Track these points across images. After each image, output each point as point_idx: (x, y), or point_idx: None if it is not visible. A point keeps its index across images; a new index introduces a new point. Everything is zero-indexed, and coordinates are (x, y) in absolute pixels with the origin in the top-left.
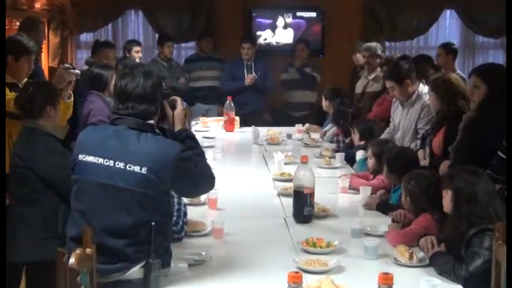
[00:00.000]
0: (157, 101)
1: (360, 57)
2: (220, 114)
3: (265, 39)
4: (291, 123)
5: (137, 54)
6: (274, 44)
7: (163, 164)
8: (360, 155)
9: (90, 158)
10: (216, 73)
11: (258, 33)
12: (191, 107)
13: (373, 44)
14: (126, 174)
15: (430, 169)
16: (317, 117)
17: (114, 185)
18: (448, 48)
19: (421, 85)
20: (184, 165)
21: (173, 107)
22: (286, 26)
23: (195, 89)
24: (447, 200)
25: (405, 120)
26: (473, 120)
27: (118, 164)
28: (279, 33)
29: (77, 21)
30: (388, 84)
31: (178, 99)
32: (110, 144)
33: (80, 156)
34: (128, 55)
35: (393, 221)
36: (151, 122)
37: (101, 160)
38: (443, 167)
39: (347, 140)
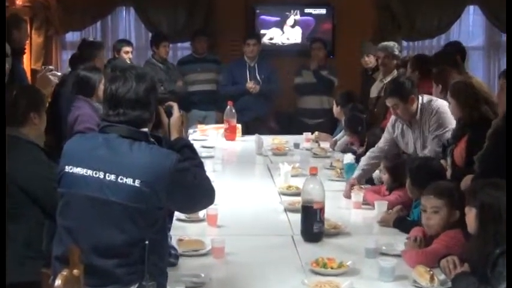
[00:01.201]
0: (151, 106)
1: (369, 60)
2: (218, 121)
3: (272, 39)
4: (302, 131)
5: (127, 54)
6: (280, 43)
7: (158, 175)
8: (348, 158)
9: (78, 170)
10: (213, 76)
11: (262, 31)
12: (187, 113)
13: (390, 44)
14: (118, 187)
15: (453, 182)
16: (331, 125)
17: (104, 199)
18: (457, 47)
19: (420, 98)
20: (181, 177)
21: (169, 114)
22: (294, 24)
23: (191, 93)
24: (471, 218)
25: (421, 139)
26: (503, 127)
27: (109, 176)
28: (286, 31)
29: (62, 19)
30: (391, 102)
31: (175, 105)
32: (100, 154)
33: (67, 168)
34: (117, 56)
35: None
36: (145, 129)
37: (89, 172)
38: (466, 181)
39: (362, 149)
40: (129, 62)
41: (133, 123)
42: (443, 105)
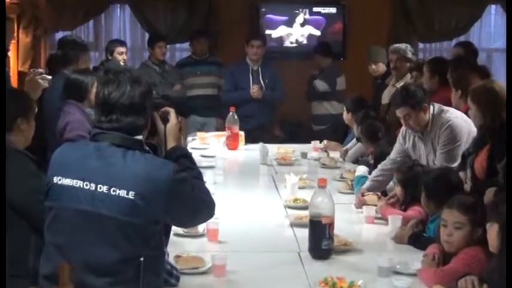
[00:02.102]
0: (146, 112)
1: (376, 68)
2: (219, 129)
3: (281, 39)
4: (310, 140)
5: (121, 56)
6: (289, 45)
7: (154, 187)
8: (360, 171)
9: (67, 181)
10: (213, 79)
11: (268, 32)
12: (185, 119)
13: (402, 46)
14: (110, 200)
15: (474, 195)
16: (337, 132)
17: (96, 212)
18: (468, 48)
19: (431, 107)
20: (178, 189)
21: (165, 120)
22: (304, 24)
23: (189, 98)
24: (493, 235)
25: (433, 153)
26: None
27: (100, 188)
28: (296, 32)
29: (52, 17)
30: (403, 111)
31: (172, 111)
32: (91, 164)
33: (55, 179)
34: (109, 57)
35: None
36: (140, 137)
37: (80, 183)
38: (489, 194)
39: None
40: (123, 63)
41: (127, 130)
42: (455, 116)
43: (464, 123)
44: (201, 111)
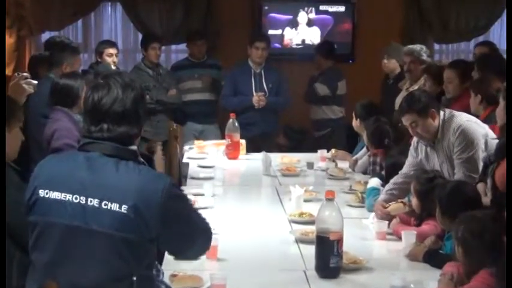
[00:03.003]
0: (140, 120)
1: (387, 63)
2: (218, 137)
3: (285, 39)
4: (316, 148)
5: (110, 58)
6: (293, 46)
7: (149, 200)
8: (373, 183)
9: (55, 195)
10: (212, 83)
11: (271, 32)
12: (181, 127)
13: (416, 47)
14: (101, 214)
15: (492, 208)
16: (342, 137)
17: (86, 228)
18: (492, 47)
19: (442, 113)
20: (174, 205)
21: (151, 152)
22: (310, 23)
23: (186, 103)
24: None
25: (447, 162)
26: None
27: (91, 201)
28: (301, 31)
29: (37, 16)
30: (409, 119)
31: (159, 145)
32: (81, 176)
33: (41, 192)
34: (99, 59)
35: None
36: (134, 147)
37: (68, 196)
38: None
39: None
40: (113, 67)
41: (119, 140)
42: (467, 119)
43: (477, 126)
44: (198, 117)
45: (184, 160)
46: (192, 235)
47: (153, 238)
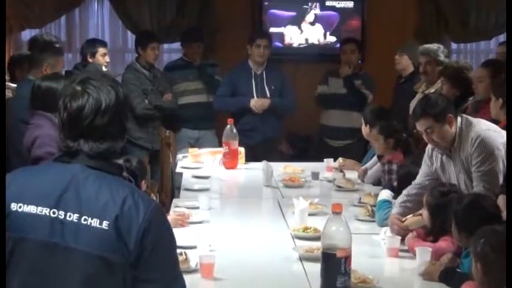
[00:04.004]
0: (125, 131)
1: (399, 59)
2: (216, 144)
3: (290, 37)
4: (322, 157)
5: (103, 58)
6: (296, 45)
7: (131, 219)
8: (384, 195)
9: (30, 208)
10: (208, 84)
11: (272, 30)
12: (175, 133)
13: (433, 47)
14: (81, 230)
15: None
16: (360, 149)
17: (63, 245)
18: None
19: (459, 119)
20: (159, 232)
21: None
22: (314, 21)
23: (180, 107)
24: None
25: (464, 173)
26: None
27: (70, 216)
28: (305, 30)
29: (17, 12)
30: (424, 124)
31: (144, 185)
32: (59, 188)
33: (13, 206)
34: (90, 60)
35: None
36: (120, 161)
37: (45, 211)
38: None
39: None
40: (105, 68)
41: (102, 156)
42: (487, 128)
43: (497, 135)
44: (194, 123)
45: (178, 170)
46: (170, 275)
47: (134, 263)
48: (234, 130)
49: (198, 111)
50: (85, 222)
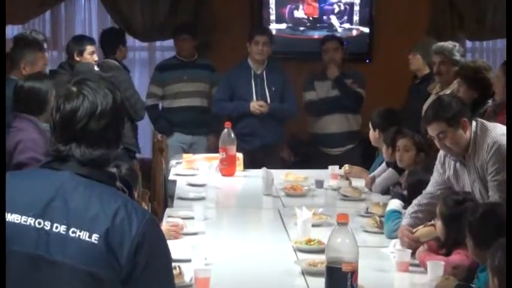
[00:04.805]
0: (120, 138)
1: (412, 59)
2: (211, 150)
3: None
4: (326, 164)
5: (91, 56)
6: (299, 42)
7: (123, 232)
8: (393, 205)
9: (13, 217)
10: (204, 87)
11: (273, 26)
12: (168, 138)
13: (448, 45)
14: (68, 243)
15: None
16: (362, 154)
17: (48, 258)
18: None
19: (474, 123)
20: (153, 246)
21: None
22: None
23: (173, 110)
24: None
25: (479, 181)
26: None
27: (57, 228)
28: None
29: None
30: (436, 128)
31: (134, 191)
32: (46, 197)
33: None
34: (77, 58)
35: None
36: (113, 170)
37: (30, 221)
38: None
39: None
40: (96, 68)
41: (94, 163)
42: (502, 133)
43: None
44: (187, 127)
45: (171, 177)
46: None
47: (125, 280)
48: (232, 134)
49: (192, 115)
50: (73, 235)
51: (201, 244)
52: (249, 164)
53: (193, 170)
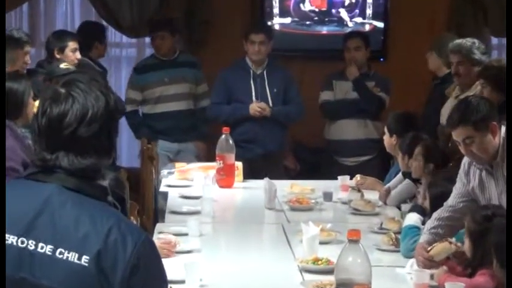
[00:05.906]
0: (112, 147)
1: (429, 59)
2: (199, 157)
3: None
4: (336, 174)
5: (74, 54)
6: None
7: (117, 254)
8: (411, 220)
9: None
10: (188, 87)
11: (277, 20)
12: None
13: (466, 42)
14: (55, 265)
15: None
16: (381, 165)
17: (32, 281)
18: None
19: (503, 128)
20: (148, 269)
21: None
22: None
23: (155, 117)
24: None
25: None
26: None
27: (43, 248)
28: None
29: None
30: (462, 133)
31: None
32: (30, 214)
33: None
34: (58, 56)
35: None
36: (105, 183)
37: (13, 239)
38: None
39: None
40: (69, 66)
41: (83, 173)
42: None
43: None
44: (172, 134)
45: (162, 189)
46: None
47: None
48: (230, 141)
49: (178, 120)
50: (60, 256)
51: (196, 263)
52: (249, 174)
53: (187, 181)
